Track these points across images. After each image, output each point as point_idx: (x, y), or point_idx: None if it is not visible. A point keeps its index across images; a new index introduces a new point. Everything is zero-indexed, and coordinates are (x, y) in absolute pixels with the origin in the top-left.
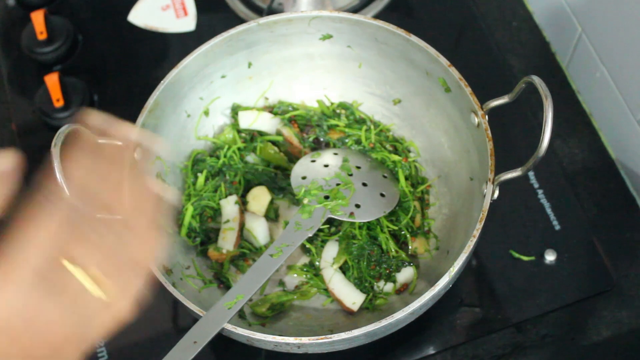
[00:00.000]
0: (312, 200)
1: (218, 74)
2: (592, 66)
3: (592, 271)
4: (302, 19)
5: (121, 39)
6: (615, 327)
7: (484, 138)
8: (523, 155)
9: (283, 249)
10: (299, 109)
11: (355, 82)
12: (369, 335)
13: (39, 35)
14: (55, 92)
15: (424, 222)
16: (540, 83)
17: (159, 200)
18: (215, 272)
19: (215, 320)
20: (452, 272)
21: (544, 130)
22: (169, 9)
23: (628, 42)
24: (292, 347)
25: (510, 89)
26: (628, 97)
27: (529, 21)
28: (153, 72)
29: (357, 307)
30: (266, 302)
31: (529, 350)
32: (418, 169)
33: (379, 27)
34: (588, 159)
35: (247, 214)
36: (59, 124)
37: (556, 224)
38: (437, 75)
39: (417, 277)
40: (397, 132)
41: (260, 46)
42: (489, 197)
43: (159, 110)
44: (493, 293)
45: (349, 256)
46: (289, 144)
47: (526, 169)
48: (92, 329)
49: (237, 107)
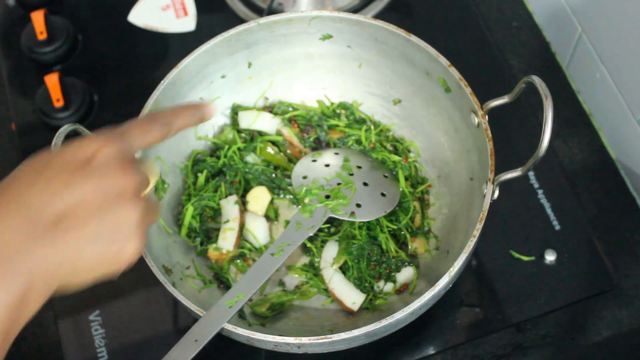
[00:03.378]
0: (313, 200)
1: (218, 74)
2: (592, 66)
3: (592, 271)
4: (302, 19)
5: (121, 39)
6: (615, 327)
7: (484, 138)
8: (523, 155)
9: (284, 248)
10: (299, 109)
11: (355, 82)
12: (369, 335)
13: (39, 35)
14: (55, 92)
15: (424, 222)
16: (540, 83)
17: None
18: (215, 272)
19: (216, 319)
20: (452, 272)
21: (544, 130)
22: (169, 9)
23: (628, 42)
24: (292, 347)
25: (510, 89)
26: (628, 97)
27: (529, 21)
28: (153, 72)
29: (357, 307)
30: (266, 302)
31: (529, 350)
32: (418, 169)
33: (379, 27)
34: (588, 159)
35: (247, 214)
36: (59, 124)
37: (556, 224)
38: (437, 75)
39: (417, 277)
40: (397, 132)
41: (260, 46)
42: (489, 197)
43: (159, 110)
44: (493, 293)
45: (348, 256)
46: (289, 144)
47: (526, 169)
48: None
49: (237, 107)
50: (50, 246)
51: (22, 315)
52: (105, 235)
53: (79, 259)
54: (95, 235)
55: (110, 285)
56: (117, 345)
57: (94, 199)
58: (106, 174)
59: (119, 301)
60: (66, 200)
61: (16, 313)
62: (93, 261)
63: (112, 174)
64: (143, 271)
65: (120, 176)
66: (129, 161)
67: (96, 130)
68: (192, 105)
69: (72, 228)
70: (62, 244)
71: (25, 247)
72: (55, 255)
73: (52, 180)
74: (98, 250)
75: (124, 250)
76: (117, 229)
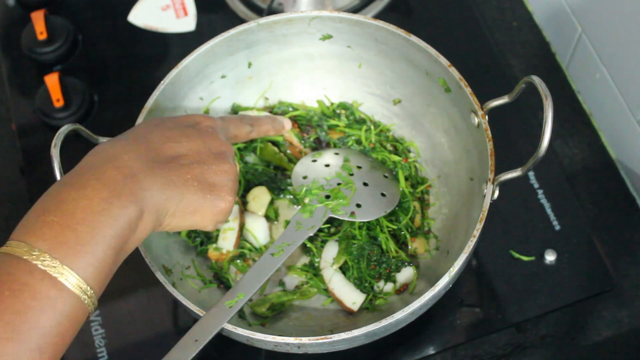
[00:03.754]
0: (313, 200)
1: (218, 74)
2: (592, 66)
3: (592, 271)
4: (302, 19)
5: (121, 39)
6: (615, 327)
7: (484, 138)
8: (523, 155)
9: (284, 248)
10: (299, 109)
11: (355, 82)
12: (369, 335)
13: (39, 35)
14: (55, 92)
15: (424, 222)
16: (540, 83)
17: None
18: (215, 272)
19: (216, 319)
20: (452, 272)
21: (544, 130)
22: (169, 9)
23: (628, 42)
24: (292, 347)
25: (510, 89)
26: (628, 97)
27: (529, 21)
28: (153, 72)
29: (357, 307)
30: (266, 302)
31: (529, 350)
32: (418, 169)
33: (379, 27)
34: (588, 159)
35: (247, 214)
36: (59, 124)
37: (556, 224)
38: (437, 75)
39: (417, 277)
40: (397, 132)
41: (260, 46)
42: (489, 197)
43: (159, 110)
44: (493, 293)
45: (348, 256)
46: (289, 144)
47: (526, 169)
48: None
49: (237, 107)
50: (162, 178)
51: (133, 237)
52: (207, 184)
53: (181, 199)
54: (199, 180)
55: (111, 286)
56: (117, 345)
57: (202, 151)
58: (212, 136)
59: (119, 301)
60: (179, 146)
61: (129, 232)
62: (191, 205)
63: (216, 137)
64: (143, 271)
65: (222, 142)
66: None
67: (97, 130)
68: (274, 117)
69: (183, 167)
70: (172, 179)
71: (145, 172)
72: (164, 191)
73: (168, 130)
74: (198, 195)
75: (218, 202)
76: (216, 180)
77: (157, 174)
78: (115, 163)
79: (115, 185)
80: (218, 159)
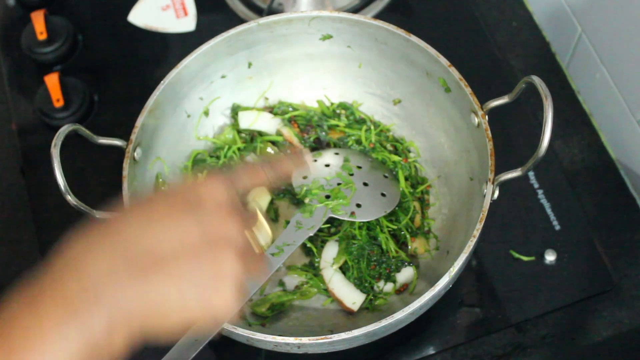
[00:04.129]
0: (313, 200)
1: (218, 74)
2: (592, 66)
3: (592, 271)
4: (302, 19)
5: (121, 39)
6: (615, 327)
7: (484, 138)
8: (523, 155)
9: (284, 248)
10: (299, 109)
11: (355, 82)
12: (369, 335)
13: (39, 35)
14: (55, 92)
15: (424, 222)
16: (540, 83)
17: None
18: None
19: None
20: (452, 272)
21: (544, 130)
22: (169, 9)
23: (628, 42)
24: (292, 347)
25: (510, 89)
26: (628, 97)
27: (529, 21)
28: (153, 72)
29: (357, 307)
30: (266, 302)
31: (529, 350)
32: (418, 169)
33: (379, 27)
34: (588, 159)
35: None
36: (59, 124)
37: (556, 224)
38: (437, 75)
39: (417, 277)
40: (397, 132)
41: (260, 46)
42: (489, 197)
43: (159, 110)
44: (493, 293)
45: (348, 256)
46: (289, 144)
47: (526, 169)
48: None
49: (237, 107)
50: (134, 288)
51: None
52: (197, 280)
53: (166, 301)
54: (187, 277)
55: None
56: None
57: (195, 244)
58: (214, 215)
59: None
60: (166, 242)
61: (92, 351)
62: (179, 304)
63: (218, 216)
64: None
65: (226, 222)
66: (237, 210)
67: (96, 130)
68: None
69: (164, 271)
70: (148, 289)
71: (112, 283)
72: (138, 303)
73: (155, 222)
74: (186, 294)
75: (213, 300)
76: (210, 275)
77: (126, 285)
78: (78, 272)
79: (73, 303)
80: (217, 248)
